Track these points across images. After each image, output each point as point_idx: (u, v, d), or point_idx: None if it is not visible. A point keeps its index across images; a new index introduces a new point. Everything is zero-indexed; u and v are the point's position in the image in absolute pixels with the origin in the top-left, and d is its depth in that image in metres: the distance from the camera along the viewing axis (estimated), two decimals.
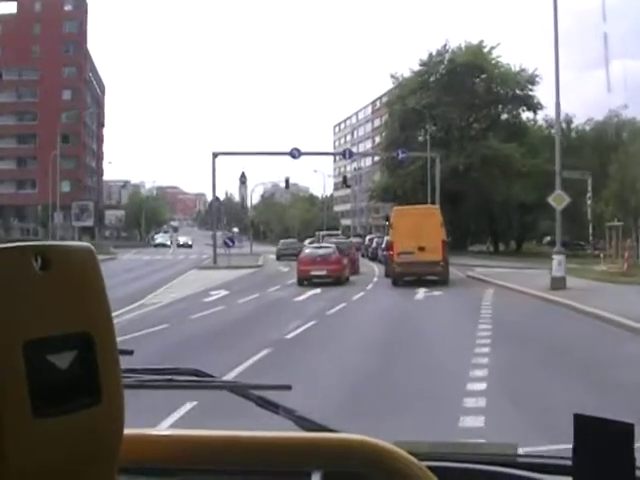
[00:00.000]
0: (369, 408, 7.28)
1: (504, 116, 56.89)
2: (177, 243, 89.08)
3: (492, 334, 12.29)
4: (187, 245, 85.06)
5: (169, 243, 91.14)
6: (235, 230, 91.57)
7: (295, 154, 42.72)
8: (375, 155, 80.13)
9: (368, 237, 57.34)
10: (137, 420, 1.07)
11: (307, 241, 55.36)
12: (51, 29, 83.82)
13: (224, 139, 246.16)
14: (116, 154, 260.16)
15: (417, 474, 1.04)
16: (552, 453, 1.34)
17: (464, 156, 51.50)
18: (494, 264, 36.55)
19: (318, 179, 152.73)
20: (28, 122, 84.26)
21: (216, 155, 43.41)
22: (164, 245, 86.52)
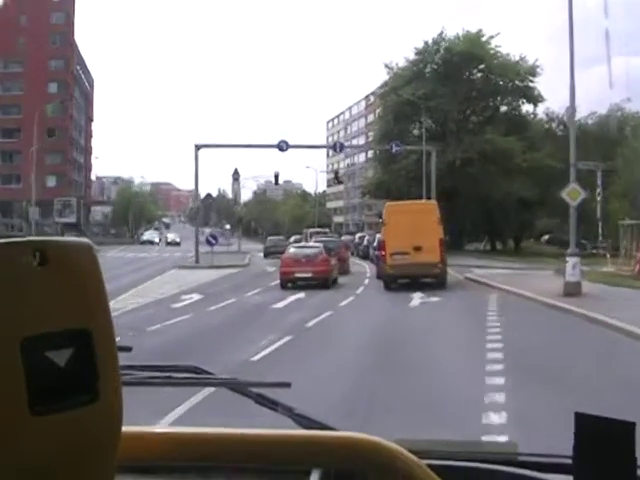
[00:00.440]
0: None
1: (503, 108, 54.34)
2: (165, 241, 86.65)
3: (504, 358, 9.87)
4: (175, 243, 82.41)
5: (157, 240, 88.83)
6: (227, 227, 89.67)
7: (283, 147, 40.65)
8: (367, 149, 77.88)
9: (358, 235, 55.39)
10: (136, 417, 1.08)
11: (292, 239, 53.06)
12: (38, 20, 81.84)
13: (217, 136, 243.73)
14: (112, 150, 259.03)
15: (417, 472, 1.03)
16: (552, 452, 1.31)
17: (461, 150, 49.15)
18: (493, 265, 34.32)
19: (313, 176, 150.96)
20: (13, 116, 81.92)
21: (199, 147, 41.54)
22: (151, 242, 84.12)
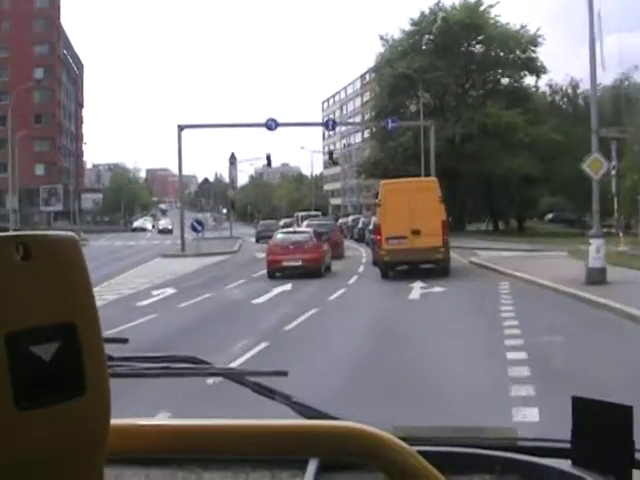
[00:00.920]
0: None
1: (504, 81, 51.82)
2: (157, 228, 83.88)
3: (533, 378, 7.53)
4: (167, 230, 79.25)
5: (150, 227, 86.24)
6: (224, 211, 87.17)
7: (271, 125, 38.22)
8: (363, 126, 75.50)
9: (351, 217, 53.19)
10: (135, 409, 1.09)
11: (282, 222, 50.50)
12: (21, 3, 79.31)
13: (213, 120, 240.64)
14: (110, 138, 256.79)
15: (413, 464, 1.02)
16: (551, 436, 1.29)
17: (460, 126, 46.83)
18: (499, 246, 31.94)
19: (310, 158, 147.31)
20: (1, 102, 79.49)
21: (182, 128, 39.22)
22: (143, 229, 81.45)
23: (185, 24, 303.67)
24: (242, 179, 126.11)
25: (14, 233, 0.75)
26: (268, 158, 52.98)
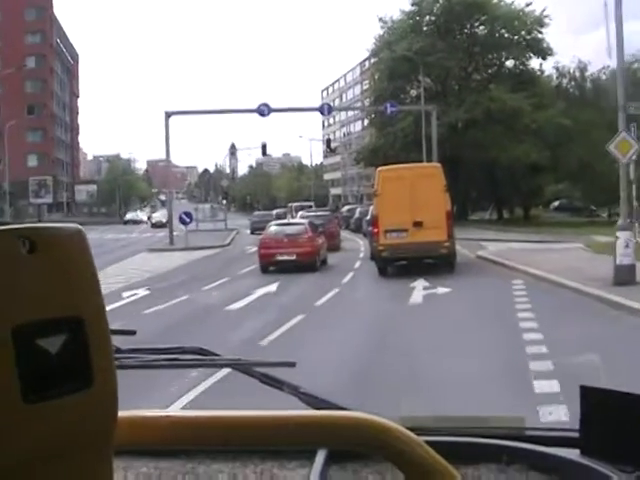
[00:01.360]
0: None
1: (509, 64, 49.57)
2: (151, 222, 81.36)
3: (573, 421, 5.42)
4: (161, 224, 76.47)
5: (145, 219, 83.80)
6: (224, 202, 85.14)
7: (264, 111, 36.38)
8: (360, 110, 73.49)
9: (346, 207, 51.42)
10: (145, 401, 1.25)
11: (274, 212, 48.73)
12: None
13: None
14: (110, 129, 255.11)
15: (421, 455, 1.02)
16: (559, 425, 1.30)
17: (463, 111, 44.73)
18: (506, 237, 29.89)
19: (310, 147, 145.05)
20: None
21: (169, 115, 37.35)
22: (135, 222, 78.92)
23: (186, 12, 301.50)
24: (242, 169, 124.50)
25: (19, 226, 0.75)
26: (264, 147, 51.40)
